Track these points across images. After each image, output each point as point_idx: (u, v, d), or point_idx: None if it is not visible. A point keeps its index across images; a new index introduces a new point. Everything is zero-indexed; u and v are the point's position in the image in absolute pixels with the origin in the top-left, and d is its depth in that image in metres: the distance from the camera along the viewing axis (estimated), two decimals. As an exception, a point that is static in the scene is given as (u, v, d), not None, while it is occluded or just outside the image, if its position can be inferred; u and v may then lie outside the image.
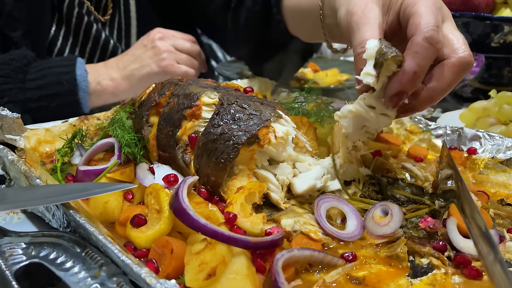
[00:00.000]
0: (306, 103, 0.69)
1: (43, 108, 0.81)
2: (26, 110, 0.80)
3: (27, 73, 0.81)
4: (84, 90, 0.83)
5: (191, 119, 0.54)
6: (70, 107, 0.82)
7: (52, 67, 0.82)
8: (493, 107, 0.74)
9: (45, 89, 0.81)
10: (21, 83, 0.80)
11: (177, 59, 0.89)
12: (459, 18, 0.96)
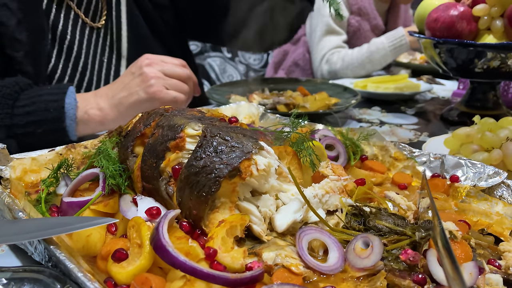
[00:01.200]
0: (291, 132, 0.70)
1: (30, 134, 0.82)
2: (11, 136, 0.82)
3: (17, 99, 0.83)
4: (71, 118, 0.84)
5: (174, 150, 0.54)
6: (57, 134, 0.83)
7: (43, 95, 0.84)
8: (476, 133, 0.75)
9: (32, 115, 0.82)
10: (10, 109, 0.82)
11: (165, 84, 0.89)
12: (443, 45, 0.98)
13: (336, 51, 1.76)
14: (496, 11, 0.95)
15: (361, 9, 1.83)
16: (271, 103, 1.10)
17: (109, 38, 1.10)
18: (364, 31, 1.86)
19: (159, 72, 0.90)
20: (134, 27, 1.13)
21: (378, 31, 1.89)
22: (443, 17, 0.99)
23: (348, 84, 1.38)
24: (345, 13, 1.84)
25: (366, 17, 1.85)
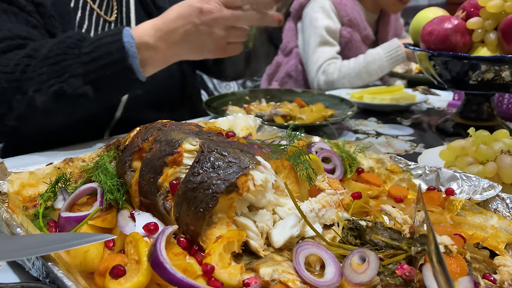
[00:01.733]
0: (288, 146, 0.71)
1: (102, 78, 0.88)
2: (87, 82, 0.88)
3: (81, 47, 0.89)
4: (133, 55, 0.89)
5: (172, 165, 0.55)
6: (125, 73, 0.89)
7: (102, 38, 0.89)
8: (471, 146, 0.76)
9: (99, 60, 0.88)
10: (78, 57, 0.88)
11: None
12: (438, 57, 1.00)
13: (332, 62, 1.78)
14: (490, 24, 0.97)
15: (352, 20, 1.85)
16: (268, 115, 1.11)
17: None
18: (356, 41, 1.88)
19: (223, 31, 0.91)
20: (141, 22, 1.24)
21: (368, 41, 1.91)
22: (438, 30, 1.00)
23: (344, 95, 1.39)
24: (337, 25, 1.86)
25: (356, 28, 1.87)
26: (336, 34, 1.84)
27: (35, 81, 0.87)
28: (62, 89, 0.87)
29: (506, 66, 0.93)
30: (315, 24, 1.82)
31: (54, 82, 0.87)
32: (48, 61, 0.87)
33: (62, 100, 0.88)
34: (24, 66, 0.88)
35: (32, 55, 0.89)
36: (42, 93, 0.87)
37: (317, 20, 1.82)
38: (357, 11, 1.86)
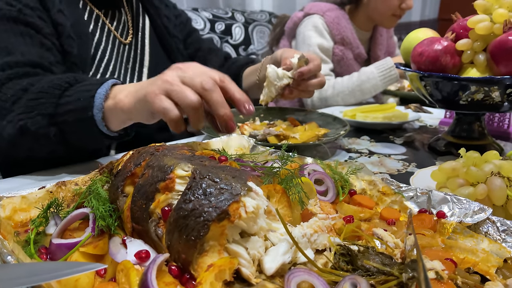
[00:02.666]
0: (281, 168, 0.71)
1: (66, 123, 0.87)
2: (53, 123, 0.87)
3: (66, 89, 0.88)
4: (97, 107, 0.85)
5: (164, 191, 0.55)
6: (86, 123, 0.86)
7: (84, 85, 0.88)
8: (462, 167, 0.77)
9: (69, 104, 0.86)
10: (56, 98, 0.87)
11: (168, 89, 0.78)
12: (429, 78, 1.01)
13: (325, 79, 1.80)
14: (479, 46, 0.99)
15: (344, 39, 1.88)
16: (262, 134, 1.12)
17: (133, 52, 1.31)
18: (348, 59, 1.91)
19: (175, 78, 0.79)
20: (154, 48, 1.36)
21: (361, 59, 1.93)
22: (428, 52, 1.02)
23: (337, 113, 1.40)
24: (330, 43, 1.88)
25: (349, 46, 1.90)
26: (329, 52, 1.87)
27: (14, 113, 0.89)
28: (26, 125, 0.87)
29: (495, 87, 0.94)
30: (308, 42, 1.84)
31: (24, 117, 0.88)
32: (30, 96, 0.89)
33: (25, 136, 0.89)
34: (16, 98, 0.90)
35: (27, 89, 0.90)
36: (11, 126, 0.89)
37: (310, 38, 1.84)
38: (350, 30, 1.89)
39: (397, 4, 1.80)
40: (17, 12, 1.01)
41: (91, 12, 1.22)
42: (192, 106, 0.76)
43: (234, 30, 2.56)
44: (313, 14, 1.89)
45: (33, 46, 1.00)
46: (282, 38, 2.06)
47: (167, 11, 1.41)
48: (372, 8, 1.86)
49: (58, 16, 1.06)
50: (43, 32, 1.03)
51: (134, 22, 1.33)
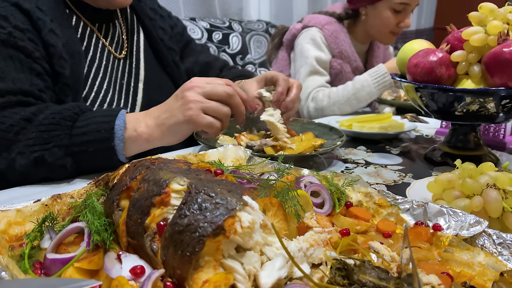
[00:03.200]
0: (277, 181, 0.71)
1: (83, 153, 0.90)
2: (69, 154, 0.90)
3: (76, 121, 0.92)
4: (119, 138, 0.91)
5: (159, 206, 0.55)
6: (106, 152, 0.91)
7: (97, 117, 0.93)
8: (457, 179, 0.77)
9: (86, 135, 0.90)
10: (69, 129, 0.90)
11: (203, 108, 0.96)
12: (424, 89, 1.02)
13: (320, 89, 1.81)
14: (474, 57, 0.99)
15: (342, 52, 1.89)
16: (259, 145, 1.12)
17: (128, 67, 1.28)
18: (346, 73, 1.92)
19: (199, 96, 0.96)
20: (150, 61, 1.34)
21: (358, 72, 1.94)
22: (423, 63, 1.02)
23: (333, 123, 1.40)
24: (328, 56, 1.89)
25: (347, 60, 1.91)
26: (327, 65, 1.88)
27: (22, 144, 0.89)
28: (43, 157, 0.89)
29: (490, 98, 0.95)
30: (306, 54, 1.85)
31: (38, 149, 0.89)
32: (40, 128, 0.90)
33: (40, 167, 0.90)
34: (19, 129, 0.90)
35: (30, 119, 0.91)
36: (24, 157, 0.89)
37: (308, 50, 1.85)
38: (348, 43, 1.90)
39: (395, 23, 1.82)
40: (7, 35, 1.00)
41: (85, 28, 1.20)
42: (227, 115, 1.00)
43: (231, 39, 2.58)
44: (312, 27, 1.90)
45: (23, 72, 0.99)
46: (280, 49, 2.07)
47: (162, 23, 1.40)
48: (370, 25, 1.88)
49: (49, 37, 1.05)
50: (33, 56, 1.02)
51: (128, 36, 1.32)
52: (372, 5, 1.82)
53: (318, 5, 3.34)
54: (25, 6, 1.05)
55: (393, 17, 1.80)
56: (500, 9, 1.00)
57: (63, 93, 1.08)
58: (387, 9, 1.79)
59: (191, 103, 0.95)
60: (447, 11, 4.51)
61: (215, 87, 0.98)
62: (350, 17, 1.92)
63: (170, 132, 0.96)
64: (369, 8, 1.84)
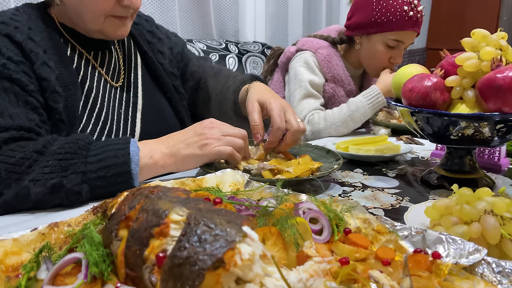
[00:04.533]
0: (276, 207, 0.71)
1: (100, 178, 0.93)
2: (86, 180, 0.92)
3: (89, 149, 0.94)
4: (135, 163, 0.96)
5: (159, 237, 0.55)
6: (123, 176, 0.94)
7: (110, 145, 0.97)
8: (455, 205, 0.77)
9: (103, 161, 0.94)
10: (84, 158, 0.93)
11: (219, 143, 1.05)
12: (419, 113, 1.03)
13: (316, 112, 1.82)
14: (467, 82, 1.01)
15: (335, 76, 1.91)
16: (256, 168, 1.12)
17: (126, 95, 1.27)
18: (339, 96, 1.94)
19: (218, 134, 1.06)
20: (148, 87, 1.34)
21: (352, 95, 1.97)
22: (418, 88, 1.04)
23: (330, 145, 1.41)
24: (321, 80, 1.91)
25: (340, 84, 1.92)
26: (320, 88, 1.89)
27: (36, 172, 0.89)
28: (62, 183, 0.89)
29: (485, 123, 0.96)
30: (300, 77, 1.87)
31: (56, 176, 0.89)
32: (57, 157, 0.91)
33: (56, 194, 0.90)
34: (32, 161, 0.90)
35: (41, 152, 0.92)
36: (39, 184, 0.89)
37: (302, 74, 1.87)
38: (341, 67, 1.92)
39: (387, 58, 1.84)
40: (1, 67, 0.99)
41: (80, 57, 1.19)
42: (241, 147, 1.10)
43: (228, 60, 2.60)
44: (306, 51, 1.92)
45: (19, 106, 0.99)
46: (275, 71, 2.10)
47: (161, 46, 1.39)
48: (362, 55, 1.90)
49: (42, 70, 1.04)
50: (27, 89, 1.01)
51: (125, 62, 1.30)
52: (367, 36, 1.84)
53: (313, 27, 3.39)
54: (17, 38, 1.04)
55: (386, 52, 1.81)
56: (492, 35, 1.02)
57: (57, 129, 1.07)
58: (380, 43, 1.80)
59: (209, 139, 1.04)
60: (438, 32, 4.60)
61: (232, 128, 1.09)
62: (344, 42, 1.95)
63: (184, 161, 1.04)
64: (364, 38, 1.86)
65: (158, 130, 1.11)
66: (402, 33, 1.77)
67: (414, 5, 1.74)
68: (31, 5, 1.20)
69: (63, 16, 1.19)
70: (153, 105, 1.31)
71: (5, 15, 1.10)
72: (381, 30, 1.78)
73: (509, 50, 1.01)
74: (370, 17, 1.79)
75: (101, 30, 1.17)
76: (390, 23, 1.76)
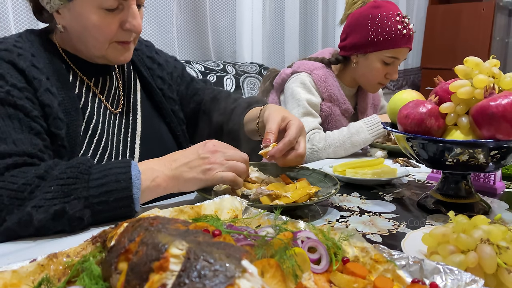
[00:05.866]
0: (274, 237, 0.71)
1: (103, 203, 0.93)
2: (88, 206, 0.92)
3: (90, 173, 0.95)
4: (137, 187, 0.96)
5: (158, 271, 0.55)
6: (125, 201, 0.95)
7: (112, 169, 0.97)
8: (451, 233, 0.78)
9: (105, 186, 0.94)
10: (86, 182, 0.93)
11: (223, 168, 1.07)
12: (415, 140, 1.04)
13: (316, 132, 1.84)
14: (461, 109, 1.03)
15: (331, 95, 1.94)
16: (254, 194, 1.12)
17: (125, 121, 1.28)
18: (335, 115, 1.96)
19: (221, 159, 1.07)
20: (147, 113, 1.35)
21: (348, 114, 1.99)
22: (413, 114, 1.06)
23: (327, 168, 1.42)
24: (318, 99, 1.94)
25: (336, 103, 1.96)
26: (317, 107, 1.92)
27: (38, 199, 0.89)
28: (64, 210, 0.89)
29: (479, 149, 0.97)
30: (297, 97, 1.89)
31: (58, 202, 0.89)
32: (58, 182, 0.91)
33: (58, 220, 0.90)
34: (34, 187, 0.90)
35: (43, 177, 0.92)
36: (42, 211, 0.88)
37: (299, 93, 1.90)
38: (337, 87, 1.95)
39: (383, 74, 1.91)
40: (5, 94, 1.00)
41: (82, 83, 1.20)
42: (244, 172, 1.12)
43: (225, 81, 2.63)
44: (301, 72, 1.95)
45: (23, 132, 1.00)
46: (271, 93, 2.12)
47: (161, 71, 1.41)
48: (359, 73, 1.95)
49: (45, 97, 1.05)
50: (31, 115, 1.02)
51: (125, 88, 1.32)
52: (364, 55, 1.89)
53: (309, 48, 3.44)
54: (21, 65, 1.05)
55: (382, 68, 1.88)
56: (485, 63, 1.05)
57: (58, 155, 1.08)
58: (377, 60, 1.87)
59: (213, 164, 1.05)
60: (432, 52, 4.67)
61: (235, 153, 1.11)
62: (339, 62, 1.99)
63: (186, 184, 1.05)
64: (361, 57, 1.91)
65: (157, 155, 1.12)
66: (397, 50, 1.86)
67: (406, 24, 1.84)
68: (34, 31, 1.21)
69: (65, 43, 1.21)
70: (152, 131, 1.32)
71: (8, 41, 1.11)
72: (378, 48, 1.85)
73: (501, 77, 1.03)
74: (367, 37, 1.86)
75: (105, 56, 1.18)
76: (386, 42, 1.84)
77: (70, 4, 1.10)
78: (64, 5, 1.11)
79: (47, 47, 1.18)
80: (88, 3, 1.09)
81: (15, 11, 2.01)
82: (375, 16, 1.83)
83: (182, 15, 2.70)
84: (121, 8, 1.13)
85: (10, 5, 1.98)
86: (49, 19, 1.20)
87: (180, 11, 2.68)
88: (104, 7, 1.10)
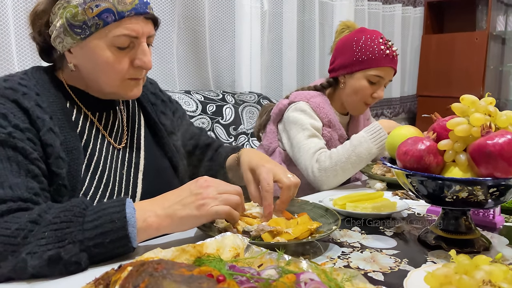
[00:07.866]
0: (277, 279, 0.72)
1: (99, 245, 0.92)
2: (84, 249, 0.91)
3: (85, 216, 0.93)
4: (133, 225, 0.95)
5: (164, 320, 0.55)
6: (121, 241, 0.94)
7: (106, 209, 0.95)
8: (453, 274, 0.78)
9: (100, 228, 0.92)
10: (81, 225, 0.92)
11: (216, 202, 1.05)
12: (414, 176, 1.06)
13: (323, 151, 1.84)
14: (459, 146, 1.05)
15: (330, 121, 1.98)
16: (256, 230, 1.12)
17: (128, 156, 1.28)
18: (334, 140, 1.99)
19: (214, 193, 1.06)
20: (150, 147, 1.36)
21: (343, 140, 2.02)
22: (412, 151, 1.07)
23: (327, 201, 1.43)
24: (320, 124, 1.96)
25: (334, 128, 1.99)
26: (320, 132, 1.94)
27: (32, 245, 0.88)
28: (59, 255, 0.88)
29: (478, 187, 0.99)
30: (300, 122, 1.92)
31: (52, 247, 0.88)
32: (52, 227, 0.90)
33: (54, 266, 0.89)
34: (27, 232, 0.90)
35: (37, 221, 0.91)
36: (36, 257, 0.87)
37: (302, 119, 1.92)
38: (332, 113, 2.00)
39: (369, 93, 1.97)
40: (6, 135, 1.00)
41: (85, 120, 1.20)
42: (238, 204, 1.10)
43: (224, 111, 2.66)
44: (299, 101, 1.99)
45: (20, 175, 0.99)
46: (268, 123, 2.14)
47: (164, 107, 1.44)
48: (346, 93, 2.00)
49: (48, 137, 1.05)
50: (30, 157, 1.01)
51: (129, 123, 1.33)
52: (350, 74, 1.96)
53: (307, 77, 3.49)
54: (25, 105, 1.06)
55: (368, 87, 1.96)
56: (480, 101, 1.07)
57: (59, 193, 1.07)
58: (363, 78, 1.95)
59: (206, 199, 1.04)
60: (428, 80, 4.75)
61: (227, 186, 1.10)
62: (330, 85, 2.06)
63: (181, 222, 1.03)
64: (348, 77, 1.99)
65: (159, 189, 1.12)
66: (382, 69, 1.94)
67: (389, 46, 1.95)
68: (40, 68, 1.23)
69: (74, 80, 1.22)
70: (155, 165, 1.33)
71: (13, 79, 1.12)
72: (363, 67, 1.94)
73: (497, 115, 1.05)
74: (352, 57, 1.96)
75: (116, 92, 1.20)
76: (370, 61, 1.93)
77: (83, 42, 1.12)
78: (77, 44, 1.13)
79: (52, 84, 1.19)
80: (101, 41, 1.11)
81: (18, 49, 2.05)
82: (360, 39, 1.95)
83: (182, 45, 2.76)
84: (132, 46, 1.16)
85: (14, 42, 2.02)
86: (59, 58, 1.21)
87: (180, 42, 2.74)
88: (116, 45, 1.12)
